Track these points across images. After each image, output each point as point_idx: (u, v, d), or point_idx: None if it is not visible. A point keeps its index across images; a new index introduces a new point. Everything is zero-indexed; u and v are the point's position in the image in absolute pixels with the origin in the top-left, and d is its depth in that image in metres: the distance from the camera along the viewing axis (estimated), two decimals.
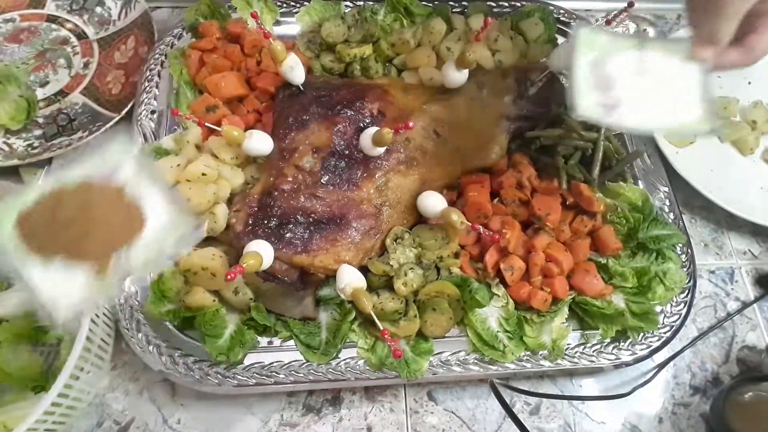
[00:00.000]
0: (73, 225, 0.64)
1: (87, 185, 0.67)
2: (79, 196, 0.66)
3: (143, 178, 0.70)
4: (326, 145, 0.88)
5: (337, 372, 0.82)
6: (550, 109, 0.99)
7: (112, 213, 0.67)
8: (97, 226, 0.65)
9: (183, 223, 0.70)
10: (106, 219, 0.66)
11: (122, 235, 0.66)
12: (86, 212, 0.65)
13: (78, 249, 0.64)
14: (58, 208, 0.65)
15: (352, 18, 1.08)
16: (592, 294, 0.86)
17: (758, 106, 1.13)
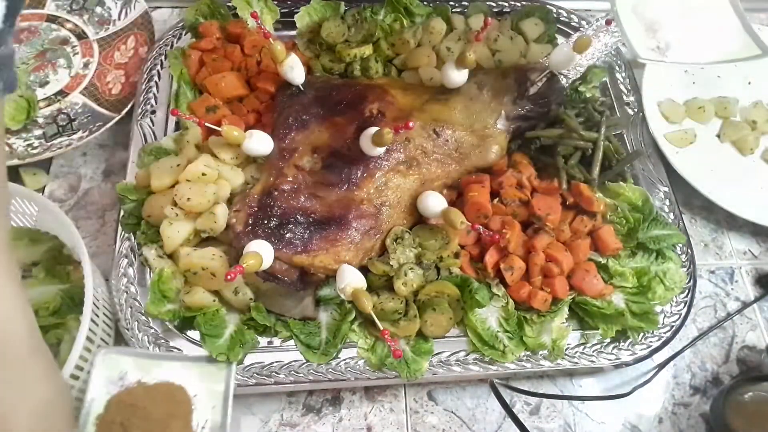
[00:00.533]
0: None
1: (117, 402, 0.74)
2: (125, 414, 0.72)
3: (146, 363, 0.78)
4: (326, 145, 0.88)
5: (337, 372, 0.82)
6: (550, 109, 0.99)
7: (161, 402, 0.73)
8: (164, 423, 0.72)
9: (213, 368, 0.78)
10: (163, 410, 0.73)
11: (183, 410, 0.74)
12: (147, 419, 0.71)
13: None
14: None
15: (352, 18, 1.08)
16: (592, 294, 0.86)
17: (758, 106, 1.13)
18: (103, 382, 0.75)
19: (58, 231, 0.87)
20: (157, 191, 0.88)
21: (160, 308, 0.82)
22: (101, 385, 0.75)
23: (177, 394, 0.75)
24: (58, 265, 0.87)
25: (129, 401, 0.73)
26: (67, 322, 0.82)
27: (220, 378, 0.77)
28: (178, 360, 0.79)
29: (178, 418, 0.73)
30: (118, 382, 0.76)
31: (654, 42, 0.81)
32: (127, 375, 0.77)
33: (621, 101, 1.09)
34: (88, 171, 1.03)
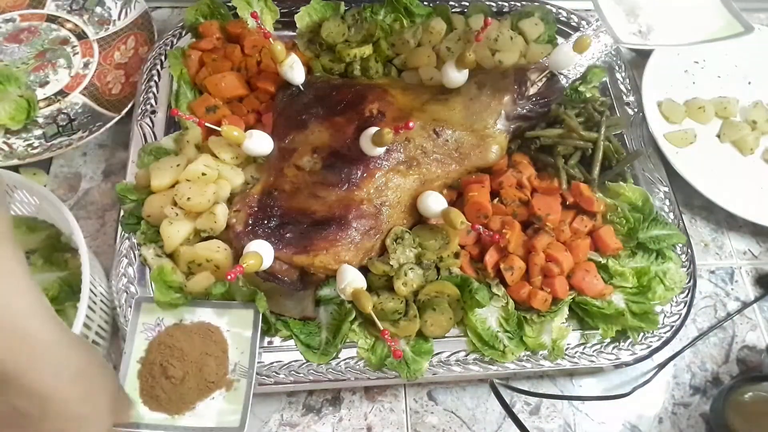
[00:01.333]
0: (186, 377, 0.75)
1: (157, 344, 0.78)
2: (165, 355, 0.77)
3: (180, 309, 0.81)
4: (326, 145, 0.88)
5: (337, 372, 0.82)
6: (550, 109, 0.99)
7: (197, 343, 0.78)
8: (200, 362, 0.76)
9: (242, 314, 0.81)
10: (199, 350, 0.77)
11: (218, 349, 0.78)
12: (184, 358, 0.76)
13: (207, 387, 0.76)
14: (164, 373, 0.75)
15: (352, 18, 1.08)
16: (592, 294, 0.86)
17: (758, 106, 1.13)
18: (141, 328, 0.80)
19: (56, 219, 0.88)
20: (157, 191, 0.88)
21: (169, 296, 0.82)
22: (140, 331, 0.80)
23: (213, 334, 0.79)
24: (56, 253, 0.88)
25: (168, 342, 0.77)
26: (66, 310, 0.82)
27: (248, 323, 0.80)
28: (210, 306, 0.82)
29: (213, 357, 0.77)
30: (155, 327, 0.80)
31: (636, 26, 0.81)
32: (163, 321, 0.81)
33: (621, 101, 1.09)
34: (88, 171, 1.03)
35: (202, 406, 0.75)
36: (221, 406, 0.76)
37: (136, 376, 0.77)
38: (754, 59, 1.19)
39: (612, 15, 0.82)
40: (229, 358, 0.79)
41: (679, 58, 1.17)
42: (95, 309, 0.78)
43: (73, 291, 0.83)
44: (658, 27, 0.80)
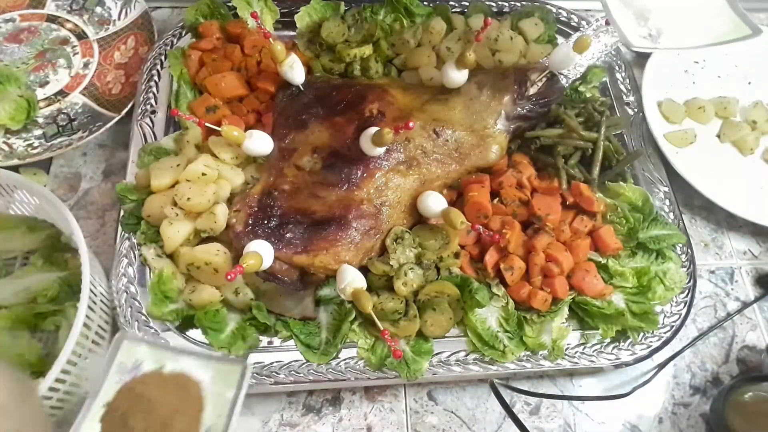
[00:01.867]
0: (149, 430, 0.67)
1: (128, 390, 0.70)
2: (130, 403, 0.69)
3: (163, 355, 0.74)
4: (326, 145, 0.88)
5: (337, 372, 0.82)
6: (550, 109, 0.99)
7: (171, 397, 0.70)
8: (167, 418, 0.68)
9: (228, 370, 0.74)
10: (171, 405, 0.69)
11: (192, 408, 0.70)
12: (150, 412, 0.68)
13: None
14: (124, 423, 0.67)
15: (352, 18, 1.08)
16: (592, 294, 0.86)
17: (758, 106, 1.13)
18: (115, 369, 0.72)
19: (56, 219, 0.88)
20: (157, 191, 0.88)
21: (162, 309, 0.82)
22: (114, 372, 0.72)
23: (191, 389, 0.72)
24: (56, 253, 0.88)
25: (138, 390, 0.70)
26: (66, 309, 0.82)
27: (232, 384, 0.72)
28: (195, 356, 0.75)
29: (184, 415, 0.69)
30: (132, 370, 0.72)
31: (645, 30, 0.81)
32: (141, 365, 0.73)
33: (621, 101, 1.09)
34: (88, 171, 1.03)
35: None
36: None
37: (98, 419, 0.68)
38: (754, 59, 1.19)
39: (622, 19, 0.82)
40: (202, 420, 0.69)
41: (679, 58, 1.17)
42: (95, 309, 0.78)
43: (73, 291, 0.83)
44: (668, 30, 0.81)
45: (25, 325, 0.82)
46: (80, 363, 0.76)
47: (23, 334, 0.82)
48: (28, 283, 0.83)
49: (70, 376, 0.74)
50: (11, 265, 0.89)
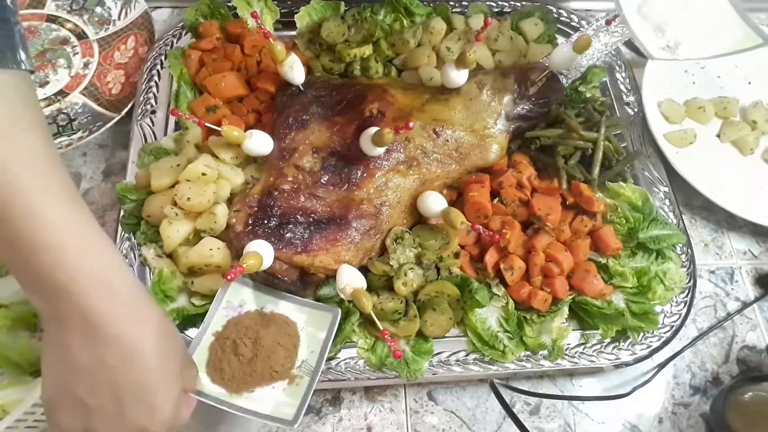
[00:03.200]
0: (254, 359, 0.76)
1: (235, 323, 0.79)
2: (239, 333, 0.77)
3: (264, 298, 0.83)
4: (326, 145, 0.88)
5: (337, 372, 0.82)
6: (550, 109, 0.99)
7: (272, 331, 0.78)
8: (270, 349, 0.77)
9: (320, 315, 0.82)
10: (273, 338, 0.77)
11: (290, 343, 0.79)
12: (257, 341, 0.77)
13: (270, 374, 0.76)
14: (235, 349, 0.76)
15: (352, 18, 1.08)
16: (593, 294, 0.86)
17: (758, 106, 1.13)
18: (224, 305, 0.81)
19: None
20: (157, 191, 0.88)
21: (163, 308, 0.82)
22: (222, 307, 0.81)
23: (289, 327, 0.80)
24: None
25: (245, 323, 0.79)
26: None
27: (324, 326, 0.80)
28: (292, 301, 0.82)
29: (284, 348, 0.77)
30: (237, 308, 0.81)
31: (664, 41, 0.83)
32: (245, 304, 0.82)
33: (621, 101, 1.09)
34: (88, 171, 1.03)
35: (261, 392, 0.75)
36: (279, 397, 0.75)
37: (207, 347, 0.77)
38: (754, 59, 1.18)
39: (642, 32, 0.85)
40: (298, 353, 0.79)
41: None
42: None
43: None
44: (685, 41, 0.84)
45: (25, 324, 0.82)
46: None
47: (23, 333, 0.82)
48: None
49: None
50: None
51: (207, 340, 0.78)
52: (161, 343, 0.60)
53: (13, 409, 0.69)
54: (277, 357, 0.76)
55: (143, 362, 0.58)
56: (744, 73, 1.18)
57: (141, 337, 0.58)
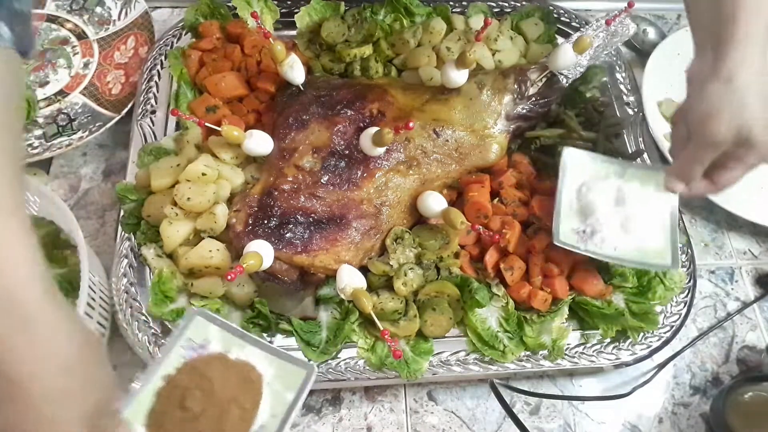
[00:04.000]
0: (202, 416, 0.63)
1: (191, 368, 0.67)
2: (192, 381, 0.65)
3: (232, 340, 0.69)
4: (326, 145, 0.88)
5: (337, 372, 0.82)
6: (550, 109, 0.99)
7: (232, 384, 0.66)
8: (223, 406, 0.64)
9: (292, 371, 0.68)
10: (230, 392, 0.65)
11: (250, 401, 0.66)
12: (210, 395, 0.64)
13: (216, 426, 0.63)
14: (182, 401, 0.63)
15: (352, 18, 1.08)
16: (592, 294, 0.86)
17: None
18: (183, 343, 0.68)
19: (55, 216, 0.88)
20: (157, 191, 0.88)
21: (162, 309, 0.82)
22: (181, 346, 0.68)
23: (253, 380, 0.67)
24: (56, 250, 0.88)
25: (201, 370, 0.66)
26: None
27: (294, 386, 0.67)
28: (263, 348, 0.69)
29: (240, 408, 0.65)
30: (198, 348, 0.69)
31: (582, 225, 0.84)
32: (209, 346, 0.69)
33: (621, 101, 1.09)
34: (88, 171, 1.03)
35: None
36: None
37: (154, 393, 0.65)
38: None
39: (567, 206, 0.85)
40: (257, 416, 0.65)
41: (679, 58, 1.17)
42: (94, 306, 0.79)
43: (73, 288, 0.83)
44: (602, 232, 0.83)
45: None
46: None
47: None
48: None
49: None
50: None
51: (155, 383, 0.65)
52: (64, 382, 0.50)
53: None
54: (229, 417, 0.63)
55: (30, 406, 0.48)
56: None
57: (36, 378, 0.48)
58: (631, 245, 0.83)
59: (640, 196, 0.85)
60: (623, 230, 0.84)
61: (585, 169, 0.88)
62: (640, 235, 0.84)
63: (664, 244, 0.84)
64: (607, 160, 0.90)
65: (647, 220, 0.84)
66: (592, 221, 0.84)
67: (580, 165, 0.88)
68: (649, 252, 0.83)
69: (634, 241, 0.83)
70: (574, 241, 0.83)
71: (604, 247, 0.83)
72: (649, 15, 1.29)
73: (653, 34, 1.23)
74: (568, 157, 0.88)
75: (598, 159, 0.89)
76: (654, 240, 0.84)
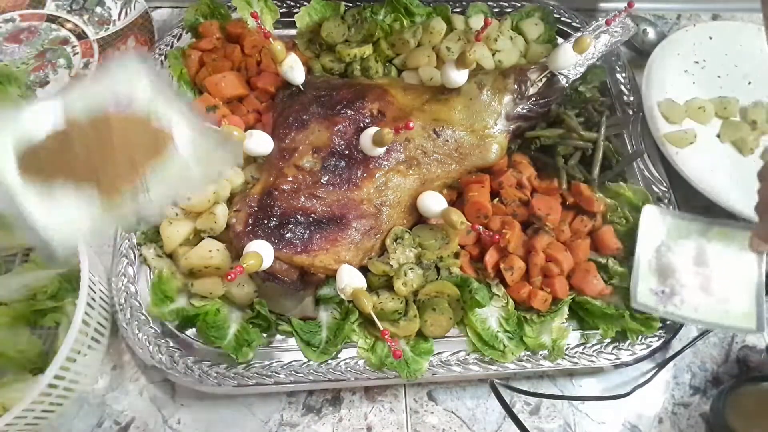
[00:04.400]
0: (90, 155, 0.60)
1: (104, 118, 0.62)
2: (95, 130, 0.61)
3: (161, 101, 0.64)
4: (326, 145, 0.88)
5: (337, 372, 0.82)
6: (550, 109, 0.99)
7: (134, 138, 0.62)
8: (116, 152, 0.60)
9: (208, 144, 0.65)
10: (127, 144, 0.61)
11: (144, 157, 0.61)
12: (104, 144, 0.60)
13: (91, 175, 0.59)
14: (70, 142, 0.60)
15: (352, 18, 1.08)
16: (592, 294, 0.86)
17: (758, 106, 1.13)
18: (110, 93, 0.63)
19: None
20: None
21: (162, 309, 0.82)
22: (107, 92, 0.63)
23: (162, 149, 0.63)
24: None
25: (110, 123, 0.62)
26: (65, 306, 0.82)
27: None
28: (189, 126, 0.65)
29: (131, 167, 0.61)
30: (123, 104, 0.64)
31: (661, 286, 0.84)
32: (134, 104, 0.64)
33: (621, 101, 1.09)
34: None
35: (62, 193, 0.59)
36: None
37: (49, 131, 0.61)
38: (754, 59, 1.19)
39: (646, 267, 0.85)
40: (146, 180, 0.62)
41: (679, 58, 1.17)
42: (94, 306, 0.79)
43: (73, 288, 0.83)
44: (683, 294, 0.83)
45: (24, 322, 0.83)
46: (79, 359, 0.76)
47: (23, 330, 0.82)
48: (27, 279, 0.83)
49: (69, 372, 0.75)
50: (11, 261, 0.89)
51: (57, 118, 0.61)
52: None
53: (13, 406, 0.69)
54: (118, 157, 0.60)
55: None
56: (744, 73, 1.18)
57: None
58: (714, 307, 0.82)
59: (723, 256, 0.85)
60: (704, 291, 0.83)
61: (664, 228, 0.87)
62: (722, 296, 0.83)
63: (749, 307, 0.82)
64: (688, 218, 0.89)
65: (730, 281, 0.83)
66: (671, 282, 0.83)
67: (658, 223, 0.87)
68: (733, 314, 0.82)
69: (717, 303, 0.83)
70: (653, 303, 0.82)
71: (683, 308, 0.82)
72: (649, 15, 1.29)
73: (653, 34, 1.23)
74: (647, 216, 0.87)
75: (678, 217, 0.88)
76: (738, 302, 0.83)
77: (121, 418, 0.83)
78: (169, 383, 0.85)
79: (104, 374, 0.85)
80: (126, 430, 0.82)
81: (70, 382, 0.76)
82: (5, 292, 0.82)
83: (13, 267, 0.87)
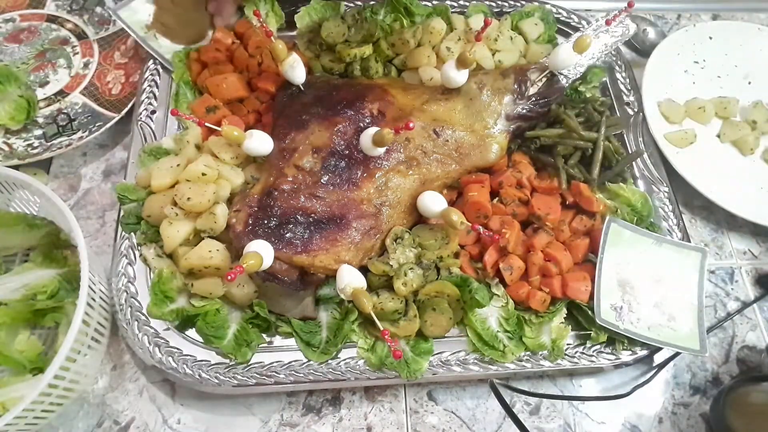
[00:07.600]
0: None
1: None
2: None
3: None
4: (326, 145, 0.88)
5: (337, 372, 0.82)
6: (550, 109, 0.99)
7: None
8: None
9: None
10: None
11: None
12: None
13: None
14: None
15: (352, 18, 1.08)
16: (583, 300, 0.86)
17: (758, 106, 1.13)
18: None
19: (55, 216, 0.88)
20: (157, 191, 0.88)
21: (162, 309, 0.82)
22: None
23: None
24: (56, 250, 0.88)
25: None
26: (65, 306, 0.83)
27: None
28: None
29: None
30: None
31: (619, 300, 0.85)
32: None
33: (621, 101, 1.09)
34: (88, 171, 1.03)
35: None
36: None
37: None
38: (754, 59, 1.19)
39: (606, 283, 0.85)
40: None
41: (679, 58, 1.17)
42: (94, 306, 0.79)
43: (73, 288, 0.83)
44: (636, 310, 0.84)
45: (24, 322, 0.83)
46: (79, 359, 0.76)
47: (23, 330, 0.82)
48: (27, 279, 0.83)
49: (69, 372, 0.75)
50: (11, 261, 0.89)
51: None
52: None
53: (13, 406, 0.69)
54: None
55: None
56: (744, 73, 1.18)
57: None
58: (664, 325, 0.84)
59: (672, 274, 0.87)
60: (657, 309, 0.85)
61: (625, 243, 0.88)
62: (671, 314, 0.85)
63: (692, 327, 0.85)
64: (644, 233, 0.90)
65: (676, 300, 0.85)
66: (629, 298, 0.85)
67: (620, 237, 0.88)
68: (680, 334, 0.84)
69: (667, 321, 0.84)
70: (613, 319, 0.83)
71: (639, 326, 0.84)
72: (649, 15, 1.29)
73: (653, 34, 1.23)
74: (609, 229, 0.88)
75: (636, 232, 0.89)
76: (683, 321, 0.85)
77: (121, 418, 0.83)
78: (169, 383, 0.85)
79: (104, 374, 0.85)
80: (126, 430, 0.82)
81: (70, 382, 0.76)
82: (5, 292, 0.82)
83: (13, 267, 0.87)
